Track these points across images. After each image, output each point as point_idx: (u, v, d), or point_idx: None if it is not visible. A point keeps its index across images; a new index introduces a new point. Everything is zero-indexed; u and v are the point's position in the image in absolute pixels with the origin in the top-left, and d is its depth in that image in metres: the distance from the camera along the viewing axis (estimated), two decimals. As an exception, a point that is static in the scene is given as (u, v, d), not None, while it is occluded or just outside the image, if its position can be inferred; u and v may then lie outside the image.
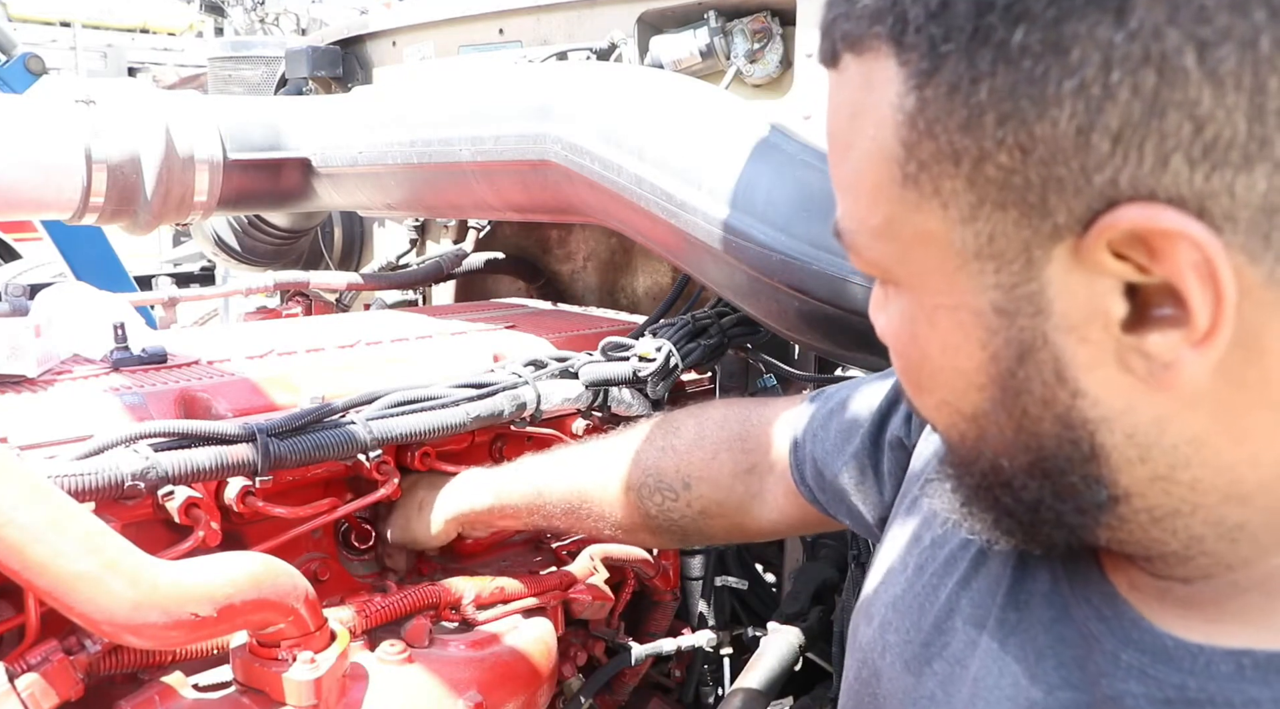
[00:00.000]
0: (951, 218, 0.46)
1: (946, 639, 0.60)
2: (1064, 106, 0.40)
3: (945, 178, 0.45)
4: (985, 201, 0.44)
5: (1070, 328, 0.45)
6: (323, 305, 2.03)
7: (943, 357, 0.50)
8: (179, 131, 1.44)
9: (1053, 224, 0.43)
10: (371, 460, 1.06)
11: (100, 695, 0.89)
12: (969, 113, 0.43)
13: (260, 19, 8.27)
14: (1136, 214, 0.40)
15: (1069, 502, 0.49)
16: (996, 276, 0.46)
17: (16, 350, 1.07)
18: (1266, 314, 0.41)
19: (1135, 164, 0.40)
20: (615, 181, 1.24)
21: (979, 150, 0.43)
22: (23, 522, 0.68)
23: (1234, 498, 0.46)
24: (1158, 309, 0.42)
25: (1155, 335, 0.42)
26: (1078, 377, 0.46)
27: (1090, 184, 0.41)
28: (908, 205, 0.47)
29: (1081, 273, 0.43)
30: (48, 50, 7.21)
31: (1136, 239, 0.41)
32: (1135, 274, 0.42)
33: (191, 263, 5.40)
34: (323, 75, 2.22)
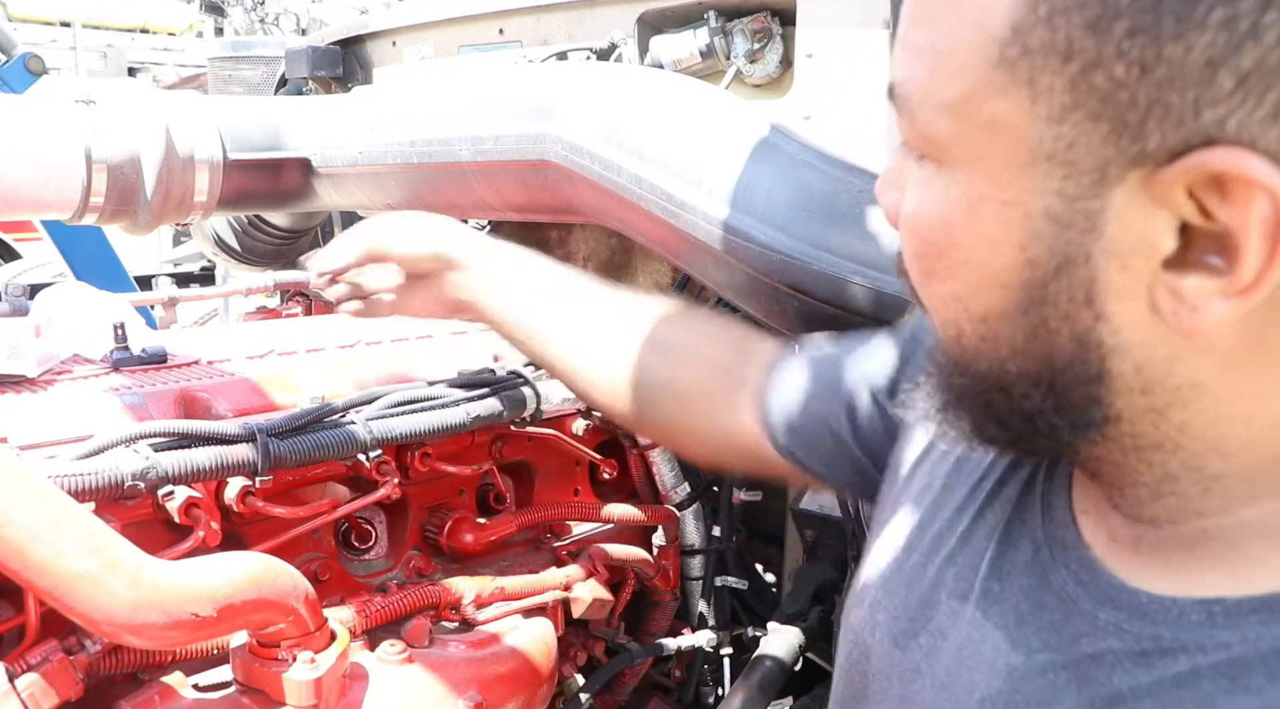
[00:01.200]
0: (1038, 113, 0.44)
1: (931, 613, 0.61)
2: (1205, 33, 0.39)
3: (1047, 72, 0.43)
4: (1080, 108, 0.43)
5: (1116, 252, 0.45)
6: (323, 305, 2.02)
7: (973, 249, 0.49)
8: (179, 131, 1.44)
9: (1141, 149, 0.42)
10: (371, 460, 1.06)
11: (100, 695, 0.89)
12: (1102, 12, 0.41)
13: (260, 19, 8.27)
14: (1232, 158, 0.40)
15: (1066, 416, 0.50)
16: (1062, 183, 0.45)
17: (16, 350, 1.07)
18: None
19: (1250, 110, 0.39)
20: (615, 181, 1.24)
21: (1097, 55, 0.42)
22: (23, 522, 0.68)
23: (1218, 450, 0.47)
24: (1204, 255, 0.43)
25: (1193, 278, 0.43)
26: (1106, 301, 0.46)
27: (1198, 118, 0.40)
28: (993, 88, 0.46)
29: (1145, 202, 0.43)
30: (48, 50, 7.20)
31: (1217, 182, 0.41)
32: (1197, 216, 0.42)
33: (191, 263, 5.41)
34: (323, 75, 2.22)
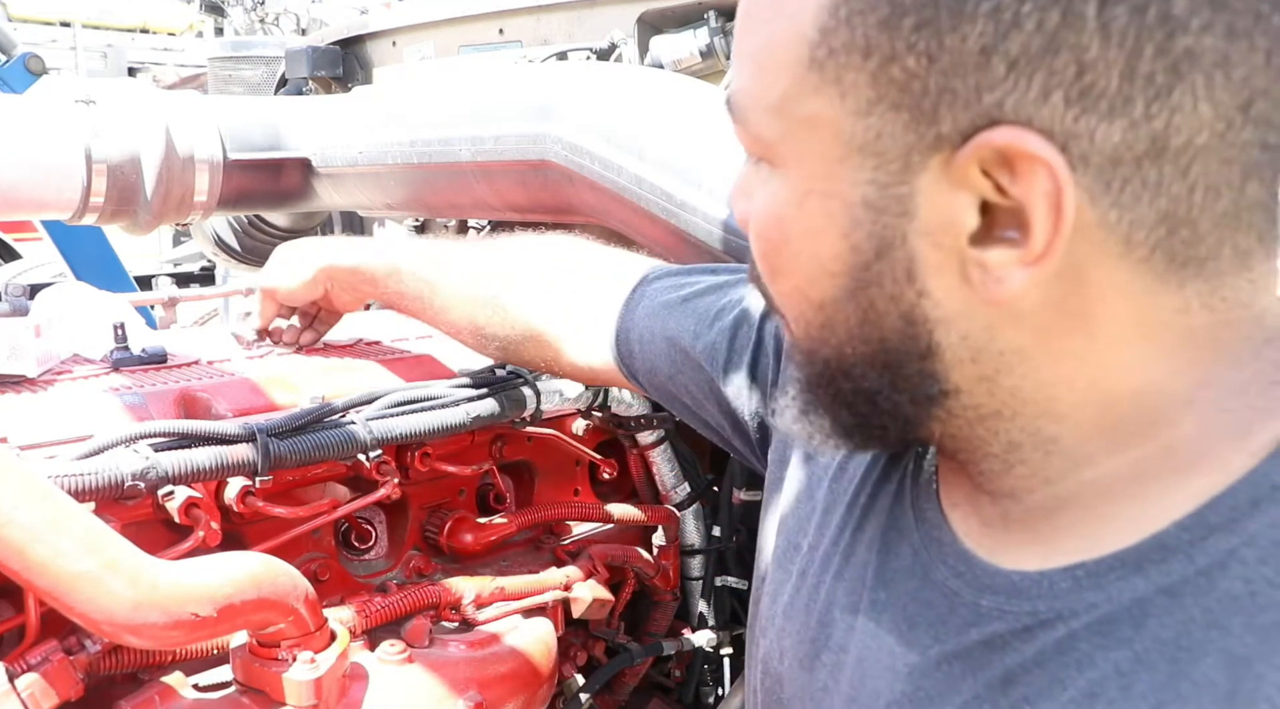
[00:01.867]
0: (847, 108, 0.49)
1: (830, 631, 0.63)
2: (976, 24, 0.44)
3: (851, 69, 0.48)
4: (883, 100, 0.48)
5: (927, 232, 0.49)
6: (323, 305, 2.02)
7: (803, 241, 0.53)
8: (179, 132, 1.44)
9: (937, 133, 0.47)
10: (371, 460, 1.06)
11: (100, 695, 0.89)
12: (891, 11, 0.46)
13: (260, 19, 8.26)
14: (1011, 135, 0.45)
15: (905, 392, 0.53)
16: (874, 173, 0.49)
17: (16, 350, 1.07)
18: (1094, 252, 0.47)
19: (1022, 91, 0.44)
20: (615, 181, 1.24)
21: (890, 50, 0.46)
22: (23, 522, 0.68)
23: (1049, 413, 0.51)
24: (1003, 230, 0.47)
25: (995, 251, 0.47)
26: (925, 278, 0.50)
27: (979, 101, 0.45)
28: (807, 88, 0.50)
29: (947, 184, 0.48)
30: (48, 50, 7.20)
31: (1003, 159, 0.46)
32: (993, 193, 0.47)
33: (191, 263, 5.41)
34: (323, 75, 2.22)
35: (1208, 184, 0.45)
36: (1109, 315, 0.48)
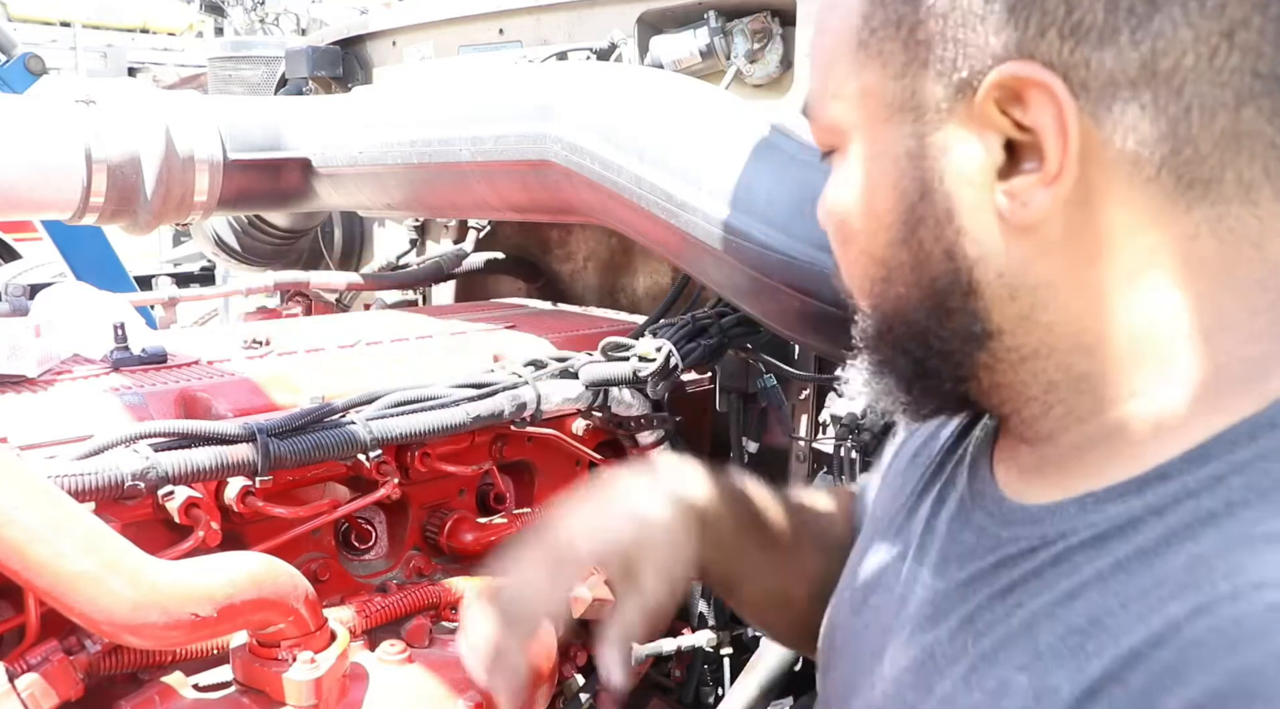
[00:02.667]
0: (888, 74, 0.59)
1: (881, 577, 0.70)
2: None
3: (888, 40, 0.58)
4: (914, 61, 0.57)
5: (961, 172, 0.56)
6: (323, 305, 2.03)
7: (865, 202, 0.62)
8: (179, 132, 1.44)
9: (959, 80, 0.55)
10: (372, 460, 1.06)
11: (100, 695, 0.89)
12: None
13: (260, 19, 8.27)
14: (1016, 67, 0.52)
15: (952, 331, 0.60)
16: (914, 126, 0.58)
17: (17, 350, 1.07)
18: (1105, 175, 0.53)
19: (1022, 32, 0.53)
20: (615, 181, 1.24)
21: (916, 17, 0.57)
22: (23, 522, 0.68)
23: (1081, 347, 0.56)
24: (1025, 162, 0.54)
25: (1019, 178, 0.54)
26: (962, 215, 0.57)
27: (988, 44, 0.54)
28: (858, 65, 0.60)
29: (974, 127, 0.56)
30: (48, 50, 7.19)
31: (1014, 93, 0.53)
32: (1013, 130, 0.54)
33: (191, 263, 5.40)
34: (323, 75, 2.22)
35: (1202, 105, 0.51)
36: (1126, 241, 0.54)
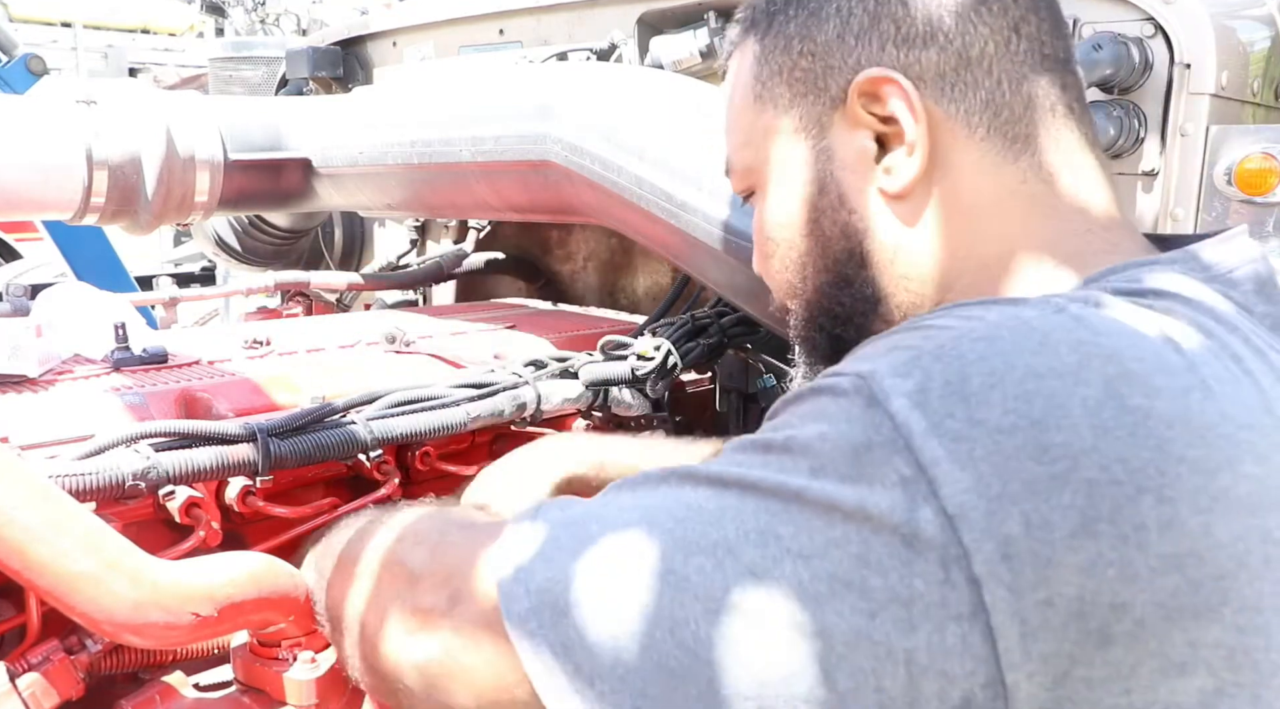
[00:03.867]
0: (780, 110, 0.78)
1: None
2: (830, 23, 0.74)
3: (775, 87, 0.78)
4: (797, 95, 0.76)
5: (846, 165, 0.74)
6: (323, 305, 2.03)
7: (779, 213, 0.79)
8: (180, 132, 1.44)
9: (830, 96, 0.74)
10: (372, 460, 1.06)
11: (101, 695, 0.89)
12: (785, 41, 0.77)
13: (261, 19, 8.27)
14: (869, 73, 0.72)
15: (855, 299, 0.76)
16: (807, 142, 0.76)
17: (18, 350, 1.07)
18: (948, 140, 0.71)
19: (868, 48, 0.73)
20: (615, 182, 1.24)
21: (791, 62, 0.76)
22: (24, 522, 0.69)
23: (944, 286, 0.72)
24: (893, 149, 0.72)
25: (889, 156, 0.72)
26: (852, 198, 0.74)
27: (847, 64, 0.73)
28: (757, 114, 0.79)
29: (849, 128, 0.74)
30: (49, 51, 7.20)
31: (872, 93, 0.72)
32: (879, 125, 0.72)
33: (192, 263, 5.40)
34: (323, 76, 2.22)
35: (1008, 78, 0.71)
36: (973, 191, 0.71)
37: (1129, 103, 1.25)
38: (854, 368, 0.58)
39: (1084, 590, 0.51)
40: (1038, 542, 0.51)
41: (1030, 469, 0.52)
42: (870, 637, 0.52)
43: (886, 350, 0.59)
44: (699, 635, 0.55)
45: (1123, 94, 1.25)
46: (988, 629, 0.51)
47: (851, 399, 0.56)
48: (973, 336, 0.57)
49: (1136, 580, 0.51)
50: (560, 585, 0.60)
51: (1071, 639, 0.51)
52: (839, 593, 0.53)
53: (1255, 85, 1.31)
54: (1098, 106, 1.25)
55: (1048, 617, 0.51)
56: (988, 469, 0.52)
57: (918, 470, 0.53)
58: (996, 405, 0.53)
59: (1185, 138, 1.22)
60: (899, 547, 0.52)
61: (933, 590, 0.52)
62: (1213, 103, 1.21)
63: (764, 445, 0.59)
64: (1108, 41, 1.20)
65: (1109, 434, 0.53)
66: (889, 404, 0.55)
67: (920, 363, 0.56)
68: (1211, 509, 0.53)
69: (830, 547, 0.54)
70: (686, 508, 0.59)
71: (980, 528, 0.51)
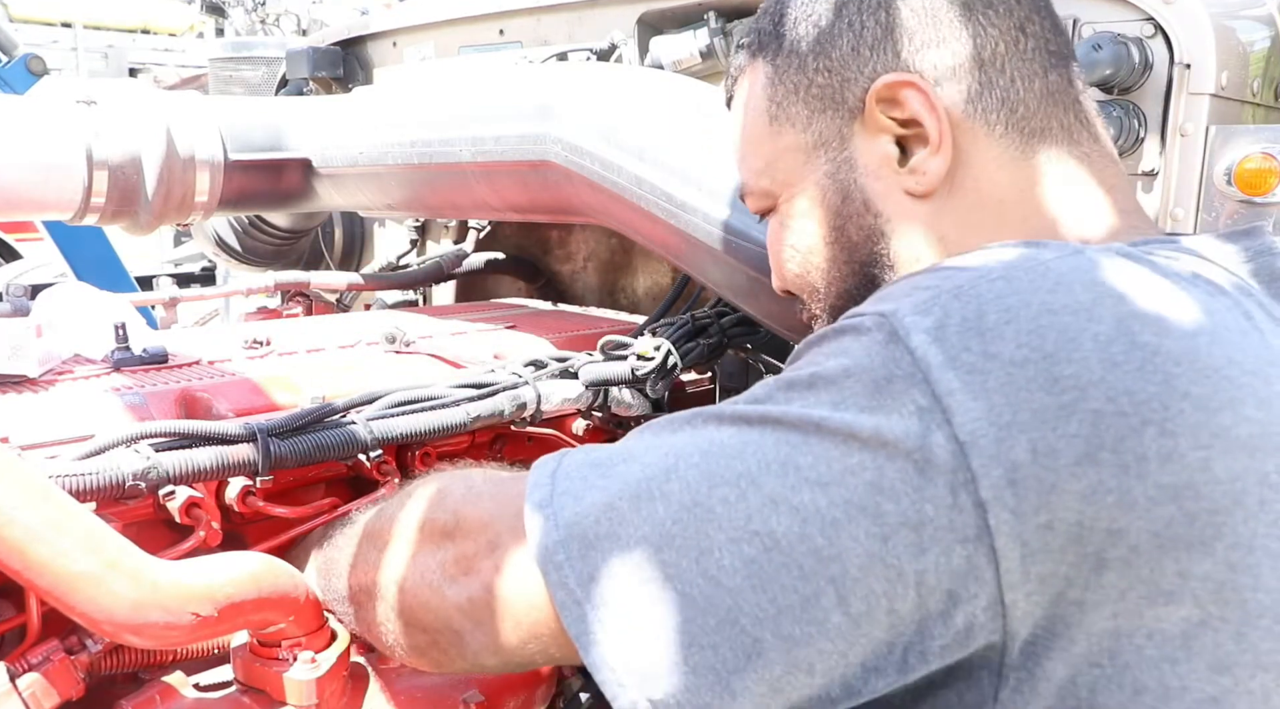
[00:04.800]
0: (798, 129, 0.79)
1: None
2: (844, 36, 0.76)
3: (791, 106, 0.80)
4: (814, 111, 0.78)
5: (869, 171, 0.77)
6: (323, 305, 2.02)
7: (803, 227, 0.81)
8: (180, 132, 1.44)
9: (849, 107, 0.77)
10: (372, 460, 1.06)
11: (101, 695, 0.89)
12: (799, 60, 0.79)
13: (261, 20, 8.28)
14: (887, 78, 0.74)
15: None
16: (828, 155, 0.78)
17: (18, 350, 1.07)
18: (969, 138, 0.74)
19: (884, 57, 0.75)
20: (615, 182, 1.24)
21: (807, 79, 0.78)
22: (24, 521, 0.69)
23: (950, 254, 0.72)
24: (915, 151, 0.75)
25: (915, 157, 0.75)
26: (877, 202, 0.76)
27: (864, 74, 0.76)
28: (773, 135, 0.81)
29: (870, 136, 0.76)
30: (49, 51, 7.20)
31: (890, 97, 0.74)
32: (899, 128, 0.75)
33: (192, 263, 5.40)
34: (323, 76, 2.22)
35: (1020, 75, 0.74)
36: (995, 186, 0.73)
37: (1129, 103, 1.25)
38: (876, 308, 0.60)
39: (1083, 516, 0.54)
40: (1043, 468, 0.54)
41: (1040, 399, 0.54)
42: (883, 560, 0.55)
43: (908, 291, 0.61)
44: (722, 564, 0.57)
45: (1123, 94, 1.26)
46: (991, 551, 0.54)
47: (873, 336, 0.59)
48: (990, 277, 0.59)
49: (1134, 508, 0.54)
50: (589, 519, 0.61)
51: (1069, 562, 0.54)
52: (854, 518, 0.55)
53: (1255, 85, 1.31)
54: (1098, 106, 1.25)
55: (1048, 540, 0.54)
56: (1000, 399, 0.54)
57: (933, 400, 0.55)
58: (1010, 339, 0.56)
59: (1185, 138, 1.22)
60: (911, 473, 0.55)
61: (942, 514, 0.54)
62: (1213, 103, 1.21)
63: (788, 383, 0.62)
64: (1108, 41, 1.20)
65: (1118, 368, 0.55)
66: (909, 340, 0.57)
67: (939, 301, 0.58)
68: (1211, 446, 0.55)
69: (846, 474, 0.56)
70: (710, 443, 0.61)
71: (989, 454, 0.54)
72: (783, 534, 0.56)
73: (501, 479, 0.79)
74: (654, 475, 0.61)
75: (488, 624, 0.69)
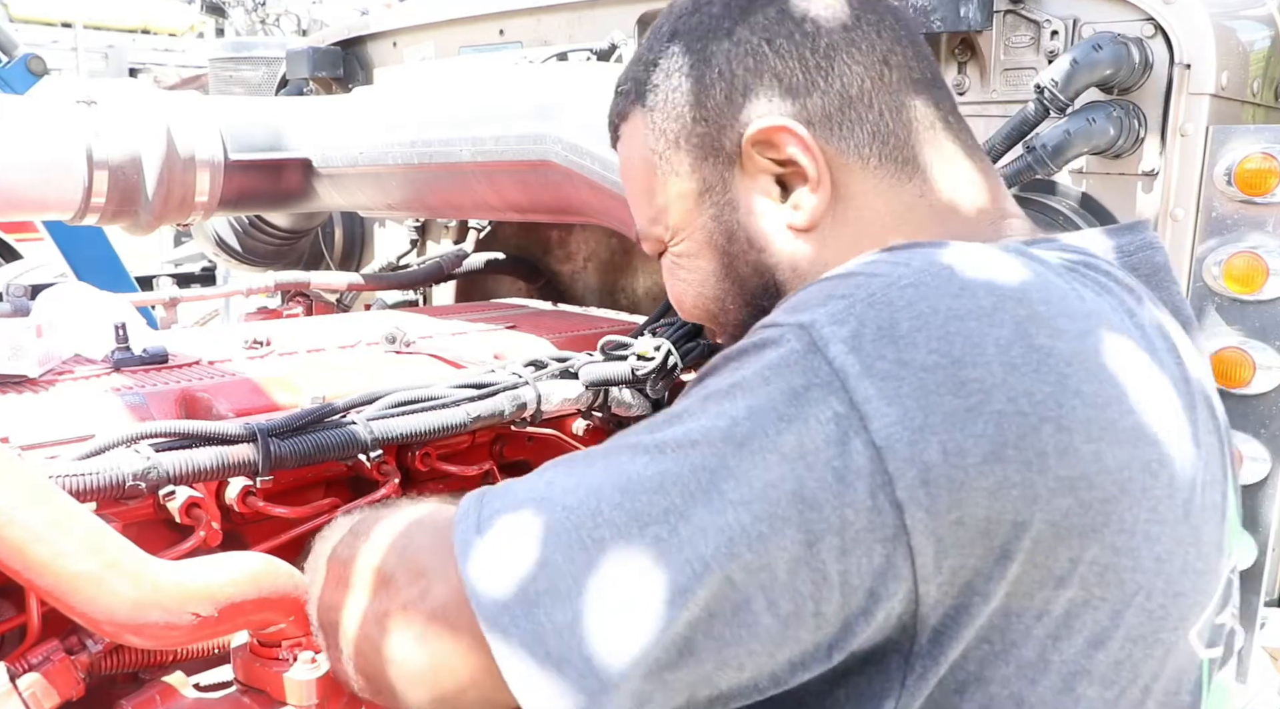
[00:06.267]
0: (682, 177, 0.82)
1: None
2: (716, 86, 0.79)
3: (673, 155, 0.82)
4: (697, 159, 0.81)
5: (751, 211, 0.80)
6: (323, 306, 2.03)
7: (694, 266, 0.85)
8: (180, 132, 1.44)
9: (727, 154, 0.80)
10: (372, 460, 1.06)
11: (101, 695, 0.89)
12: (675, 111, 0.81)
13: (261, 20, 8.28)
14: (760, 123, 0.77)
15: None
16: (712, 199, 0.82)
17: (18, 350, 1.07)
18: (845, 173, 0.77)
19: (755, 105, 0.78)
20: (615, 182, 1.24)
21: (685, 129, 0.81)
22: (24, 522, 0.69)
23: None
24: (795, 188, 0.78)
25: (795, 194, 0.78)
26: (760, 239, 0.80)
27: (738, 121, 0.78)
28: (660, 184, 0.84)
29: (750, 178, 0.79)
30: (49, 51, 7.20)
31: (766, 141, 0.77)
32: (777, 168, 0.78)
33: (192, 263, 5.41)
34: (323, 76, 2.22)
35: (888, 107, 0.77)
36: (874, 213, 0.77)
37: (1129, 103, 1.25)
38: (794, 318, 0.63)
39: (991, 511, 0.58)
40: (953, 467, 0.57)
41: (949, 402, 0.58)
42: (809, 564, 0.58)
43: (823, 299, 0.63)
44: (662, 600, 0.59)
45: (1123, 94, 1.26)
46: (908, 548, 0.58)
47: (791, 346, 0.61)
48: (901, 284, 0.62)
49: (1036, 501, 0.58)
50: (525, 577, 0.61)
51: (977, 555, 0.58)
52: (779, 529, 0.58)
53: (1255, 85, 1.31)
54: (1098, 106, 1.25)
55: (959, 535, 0.58)
56: (912, 404, 0.58)
57: (851, 408, 0.58)
58: (921, 346, 0.59)
59: (1185, 138, 1.22)
60: (831, 480, 0.58)
61: (862, 517, 0.57)
62: (1213, 103, 1.21)
63: (704, 396, 0.64)
64: (1108, 41, 1.20)
65: (1017, 370, 0.59)
66: (827, 350, 0.60)
67: (854, 310, 0.61)
68: (1101, 438, 0.59)
69: (768, 488, 0.58)
70: (628, 479, 0.62)
71: (903, 457, 0.57)
72: (712, 556, 0.58)
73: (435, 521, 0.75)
74: (581, 521, 0.61)
75: (423, 678, 0.68)
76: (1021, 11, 1.33)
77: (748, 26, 0.78)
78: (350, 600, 0.75)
